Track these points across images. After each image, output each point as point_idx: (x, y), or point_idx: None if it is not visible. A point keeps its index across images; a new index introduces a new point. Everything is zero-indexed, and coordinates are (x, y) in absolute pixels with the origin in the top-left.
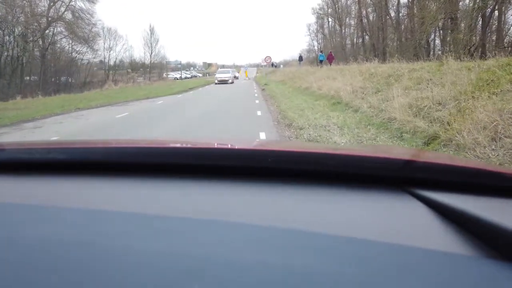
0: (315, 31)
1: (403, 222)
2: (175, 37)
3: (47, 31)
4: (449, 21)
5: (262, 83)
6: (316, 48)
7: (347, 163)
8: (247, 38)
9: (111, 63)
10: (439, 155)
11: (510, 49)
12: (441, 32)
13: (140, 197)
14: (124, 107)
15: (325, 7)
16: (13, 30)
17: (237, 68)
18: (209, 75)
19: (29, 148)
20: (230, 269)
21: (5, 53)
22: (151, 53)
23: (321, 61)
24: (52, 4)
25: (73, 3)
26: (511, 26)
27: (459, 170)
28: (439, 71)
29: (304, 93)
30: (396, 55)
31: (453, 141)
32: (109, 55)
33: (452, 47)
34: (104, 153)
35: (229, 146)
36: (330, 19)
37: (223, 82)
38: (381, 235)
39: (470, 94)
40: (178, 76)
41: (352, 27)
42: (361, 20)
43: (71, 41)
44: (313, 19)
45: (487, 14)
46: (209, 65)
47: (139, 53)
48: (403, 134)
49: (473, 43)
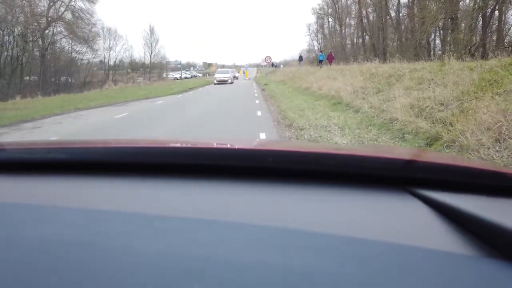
0: (315, 31)
1: (403, 222)
2: (175, 37)
3: (46, 31)
4: (450, 21)
5: (262, 83)
6: (316, 48)
7: (348, 163)
8: (247, 38)
9: (111, 63)
10: (441, 155)
11: (510, 49)
12: (442, 32)
13: (140, 197)
14: (123, 107)
15: (325, 7)
16: (13, 30)
17: (237, 68)
18: (209, 75)
19: (29, 148)
20: (230, 269)
21: (5, 53)
22: (151, 53)
23: (321, 61)
24: (51, 4)
25: (73, 3)
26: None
27: (461, 170)
28: (441, 71)
29: (304, 93)
30: (396, 55)
31: (456, 142)
32: (109, 55)
33: (452, 47)
34: (104, 153)
35: (229, 146)
36: (330, 19)
37: (222, 82)
38: (382, 235)
39: (473, 94)
40: (178, 76)
41: (352, 27)
42: (361, 20)
43: (71, 41)
44: (313, 19)
45: (488, 14)
46: (209, 65)
47: (139, 53)
48: (405, 135)
49: (474, 43)
